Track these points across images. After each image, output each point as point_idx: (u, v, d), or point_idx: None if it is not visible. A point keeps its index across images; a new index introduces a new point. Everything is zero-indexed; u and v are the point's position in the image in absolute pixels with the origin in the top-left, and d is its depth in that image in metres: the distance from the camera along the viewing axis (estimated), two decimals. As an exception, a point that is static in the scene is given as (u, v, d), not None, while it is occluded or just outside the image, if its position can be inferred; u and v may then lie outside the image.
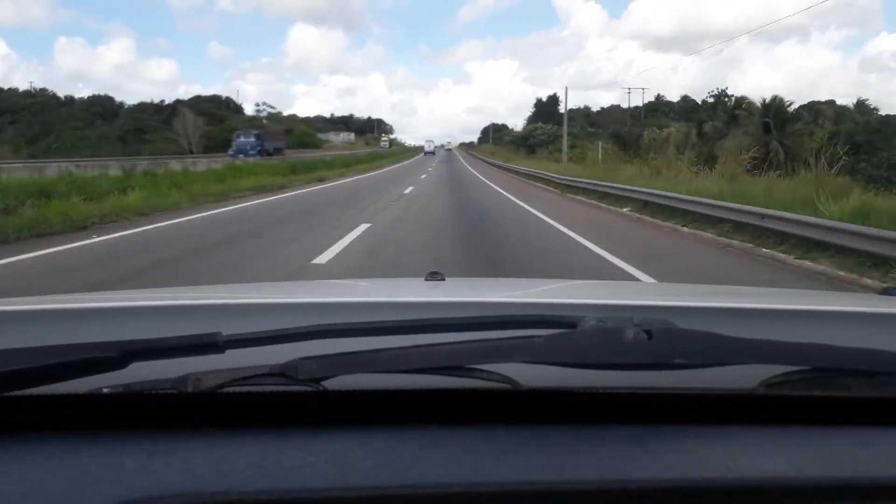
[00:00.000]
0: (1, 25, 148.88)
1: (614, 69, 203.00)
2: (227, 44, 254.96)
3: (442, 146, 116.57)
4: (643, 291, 2.04)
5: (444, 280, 1.43)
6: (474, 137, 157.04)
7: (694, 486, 0.59)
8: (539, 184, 24.59)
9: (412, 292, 1.37)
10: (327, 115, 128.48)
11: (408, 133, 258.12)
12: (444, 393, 0.67)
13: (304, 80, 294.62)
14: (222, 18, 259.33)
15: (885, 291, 1.33)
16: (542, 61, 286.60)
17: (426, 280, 1.43)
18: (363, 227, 9.90)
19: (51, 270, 6.35)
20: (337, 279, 5.40)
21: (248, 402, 0.66)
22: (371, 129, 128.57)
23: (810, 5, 34.87)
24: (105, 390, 0.65)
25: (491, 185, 24.79)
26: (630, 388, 0.69)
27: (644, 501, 0.59)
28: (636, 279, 6.27)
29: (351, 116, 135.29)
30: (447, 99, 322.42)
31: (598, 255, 7.80)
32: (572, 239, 9.34)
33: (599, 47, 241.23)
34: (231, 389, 0.65)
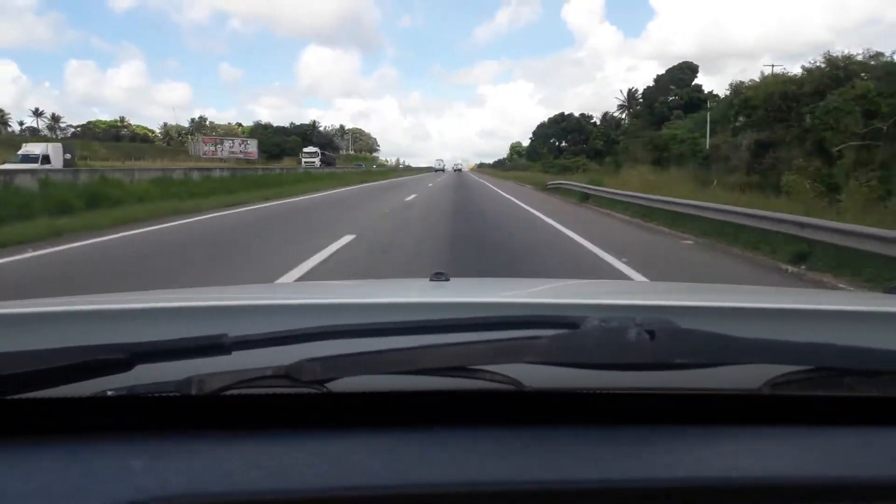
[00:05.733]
0: (13, 49, 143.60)
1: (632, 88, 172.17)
2: (238, 66, 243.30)
3: (452, 168, 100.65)
4: (646, 291, 1.97)
5: (448, 280, 1.41)
6: (487, 159, 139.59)
7: (697, 486, 0.59)
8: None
9: (417, 293, 1.35)
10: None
11: (421, 157, 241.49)
12: (449, 394, 0.67)
13: (317, 104, 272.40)
14: (233, 43, 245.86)
15: (890, 290, 1.29)
16: (559, 82, 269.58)
17: (431, 280, 1.41)
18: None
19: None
20: (341, 280, 5.29)
21: (254, 404, 0.66)
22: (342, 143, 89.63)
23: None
24: (109, 393, 0.65)
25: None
26: (633, 388, 0.69)
27: (647, 501, 0.58)
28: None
29: (314, 126, 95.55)
30: (460, 122, 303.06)
31: None
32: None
33: (617, 67, 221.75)
34: (236, 391, 0.65)
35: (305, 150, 66.13)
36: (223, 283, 5.89)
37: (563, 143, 64.16)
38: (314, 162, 59.20)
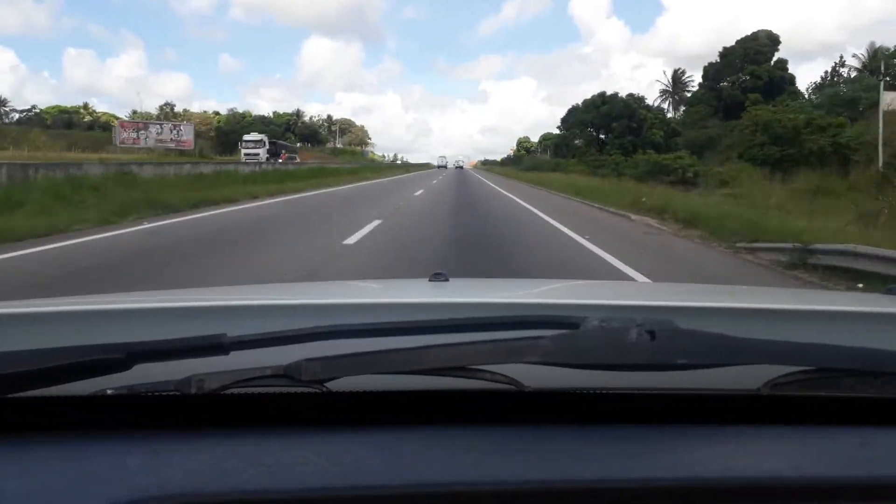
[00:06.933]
0: (10, 36, 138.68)
1: (637, 88, 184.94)
2: (239, 57, 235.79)
3: (454, 164, 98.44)
4: (646, 291, 1.96)
5: (447, 280, 1.41)
6: (490, 156, 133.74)
7: (697, 486, 0.59)
8: None
9: (416, 293, 1.34)
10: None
11: (422, 152, 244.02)
12: (449, 394, 0.67)
13: (318, 97, 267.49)
14: (234, 33, 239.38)
15: (889, 291, 1.30)
16: (563, 79, 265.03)
17: (430, 280, 1.40)
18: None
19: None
20: (342, 280, 5.32)
21: (252, 403, 0.66)
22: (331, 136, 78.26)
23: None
24: (109, 392, 0.65)
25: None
26: (633, 388, 0.69)
27: (647, 501, 0.59)
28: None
29: (298, 115, 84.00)
30: (462, 119, 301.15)
31: None
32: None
33: (624, 64, 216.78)
34: (235, 390, 0.65)
35: (246, 137, 48.13)
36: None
37: (604, 135, 50.68)
38: (258, 154, 43.25)
